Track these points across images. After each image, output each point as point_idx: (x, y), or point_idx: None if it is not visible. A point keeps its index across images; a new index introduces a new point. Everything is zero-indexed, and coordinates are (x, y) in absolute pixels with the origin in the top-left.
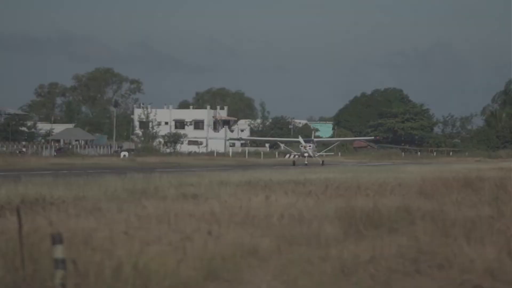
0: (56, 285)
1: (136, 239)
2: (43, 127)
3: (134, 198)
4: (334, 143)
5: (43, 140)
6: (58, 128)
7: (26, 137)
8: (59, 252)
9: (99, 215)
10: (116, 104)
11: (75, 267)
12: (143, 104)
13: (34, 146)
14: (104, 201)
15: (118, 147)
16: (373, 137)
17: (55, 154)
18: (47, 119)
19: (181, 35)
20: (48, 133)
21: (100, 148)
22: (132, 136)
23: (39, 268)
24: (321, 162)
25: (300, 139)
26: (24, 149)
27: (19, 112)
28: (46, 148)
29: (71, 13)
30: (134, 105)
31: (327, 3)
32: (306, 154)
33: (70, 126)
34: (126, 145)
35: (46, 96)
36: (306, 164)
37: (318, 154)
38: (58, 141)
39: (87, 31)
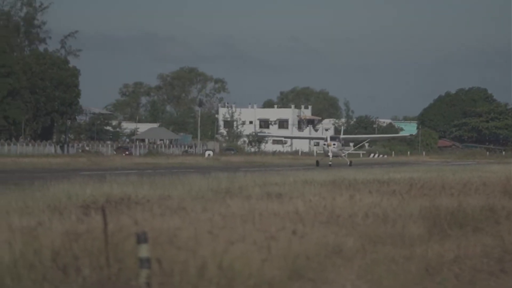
0: (141, 284)
1: (220, 238)
2: (127, 126)
3: (219, 197)
4: (363, 141)
5: (128, 140)
6: (143, 127)
7: (111, 136)
8: (144, 251)
9: (184, 214)
10: (200, 104)
11: (160, 266)
12: (227, 103)
13: (115, 145)
14: (189, 200)
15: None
16: (408, 134)
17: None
18: (131, 118)
19: (265, 34)
20: (133, 133)
21: (184, 147)
22: (216, 136)
23: (124, 267)
24: (348, 163)
25: (328, 137)
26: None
27: (104, 111)
28: (131, 147)
29: (156, 13)
30: (219, 105)
31: (410, 2)
32: (330, 154)
33: (155, 125)
34: (210, 145)
35: (130, 95)
36: (330, 165)
37: (346, 153)
38: (143, 140)
39: (171, 31)
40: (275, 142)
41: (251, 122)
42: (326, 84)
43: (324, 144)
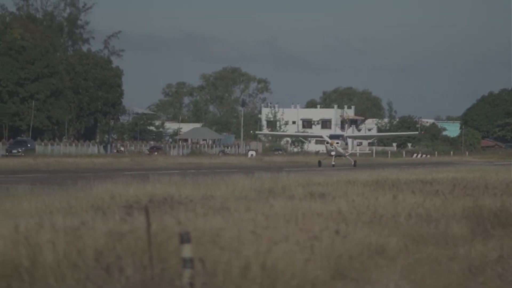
0: (184, 284)
1: (263, 238)
2: (170, 126)
3: (262, 197)
4: (368, 139)
5: (170, 140)
6: (186, 127)
7: (154, 137)
8: (187, 251)
9: (227, 214)
10: (243, 104)
11: (203, 266)
12: (270, 103)
13: (165, 146)
14: (232, 200)
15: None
16: (416, 132)
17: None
18: (174, 118)
19: (308, 34)
20: (176, 133)
21: (227, 147)
22: (259, 136)
23: (167, 267)
24: (352, 163)
25: (325, 137)
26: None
27: (147, 111)
28: (174, 147)
29: (199, 13)
30: (262, 105)
31: (454, 2)
32: (333, 153)
33: (198, 125)
34: (253, 145)
35: (173, 95)
36: (333, 165)
37: (349, 152)
38: (186, 140)
39: (214, 31)
40: (318, 142)
41: (294, 122)
42: (369, 84)
43: (327, 143)
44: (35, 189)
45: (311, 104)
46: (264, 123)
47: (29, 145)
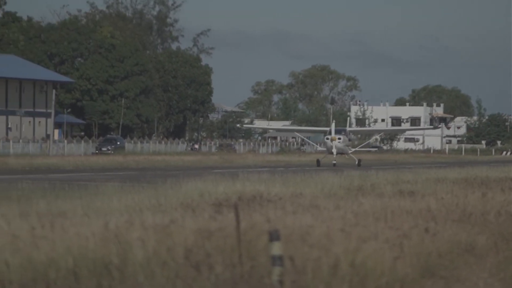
0: (274, 282)
1: (352, 236)
2: (259, 124)
3: (351, 195)
4: (375, 134)
5: (259, 138)
6: (275, 125)
7: (243, 134)
8: (276, 249)
9: (316, 212)
10: (332, 101)
11: (293, 264)
12: (359, 101)
13: (249, 142)
14: (321, 198)
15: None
16: (432, 127)
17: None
18: (263, 116)
19: (397, 31)
20: (265, 131)
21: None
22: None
23: (256, 265)
24: (356, 162)
25: (333, 132)
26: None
27: (236, 109)
28: (263, 145)
29: (288, 11)
30: (351, 102)
31: None
32: (333, 150)
33: (287, 123)
34: None
35: (262, 93)
36: (334, 164)
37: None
38: (275, 138)
39: (304, 29)
40: (407, 140)
41: (383, 120)
42: (458, 81)
43: (327, 139)
44: (124, 187)
45: (400, 102)
46: (353, 121)
47: (118, 143)
